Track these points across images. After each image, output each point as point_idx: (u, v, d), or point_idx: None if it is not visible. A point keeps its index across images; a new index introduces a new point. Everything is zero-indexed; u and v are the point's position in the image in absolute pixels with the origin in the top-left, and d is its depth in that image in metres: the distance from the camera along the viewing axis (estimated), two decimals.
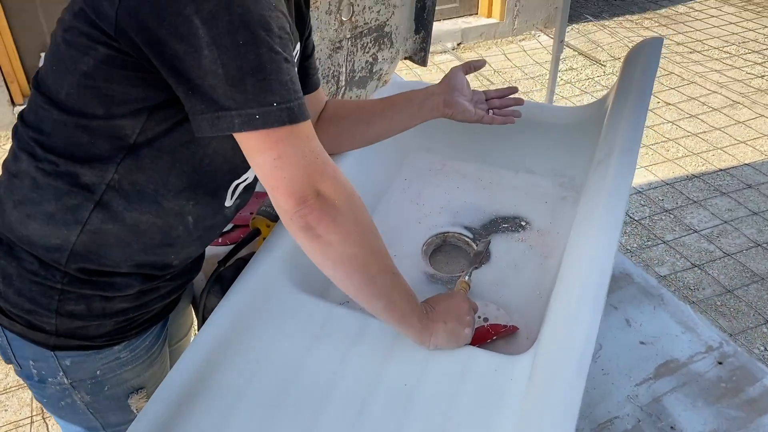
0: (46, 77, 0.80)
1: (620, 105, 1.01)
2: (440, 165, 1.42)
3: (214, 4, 0.67)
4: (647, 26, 4.55)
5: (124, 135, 0.78)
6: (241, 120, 0.70)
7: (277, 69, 0.70)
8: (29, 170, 0.82)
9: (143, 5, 0.69)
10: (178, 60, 0.70)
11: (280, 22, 0.72)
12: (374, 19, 1.63)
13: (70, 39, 0.75)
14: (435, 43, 4.13)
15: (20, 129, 0.84)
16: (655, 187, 2.88)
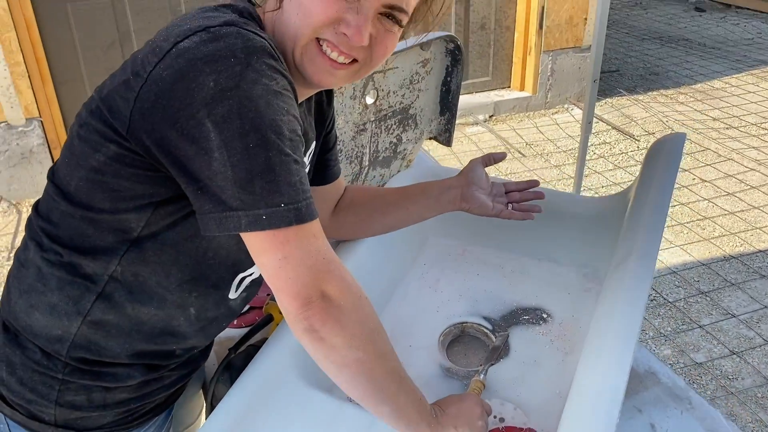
0: (59, 169, 0.82)
1: (640, 204, 0.98)
2: (460, 250, 1.40)
3: (226, 108, 0.68)
4: (682, 101, 4.53)
5: (129, 228, 0.79)
6: (248, 220, 0.70)
7: (286, 170, 0.71)
8: (35, 260, 0.83)
9: (157, 107, 0.70)
10: (188, 160, 0.70)
11: (291, 125, 0.73)
12: (399, 103, 1.65)
13: (84, 135, 0.77)
14: (467, 115, 4.17)
15: (32, 218, 0.85)
16: (690, 268, 2.79)
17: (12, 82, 3.02)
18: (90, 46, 3.28)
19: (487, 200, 1.12)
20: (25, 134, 3.15)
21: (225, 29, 0.71)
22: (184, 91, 0.68)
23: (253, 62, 0.70)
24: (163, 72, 0.70)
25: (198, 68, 0.68)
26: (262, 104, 0.69)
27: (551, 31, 4.05)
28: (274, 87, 0.71)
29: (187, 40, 0.70)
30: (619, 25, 6.45)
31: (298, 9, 0.79)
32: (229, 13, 0.77)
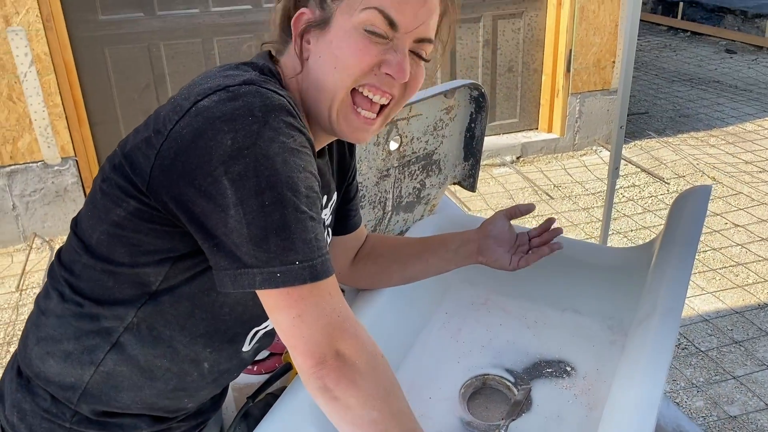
0: (81, 220, 0.84)
1: (665, 258, 0.96)
2: (483, 299, 1.38)
3: (242, 166, 0.69)
4: (713, 144, 4.48)
5: (148, 282, 0.80)
6: (263, 278, 0.70)
7: (301, 228, 0.71)
8: (56, 309, 0.84)
9: (177, 164, 0.72)
10: (205, 217, 0.71)
11: (308, 182, 0.73)
12: (422, 148, 1.66)
13: (106, 189, 0.79)
14: (494, 156, 4.17)
15: (55, 267, 0.87)
16: (723, 316, 2.72)
17: (50, 123, 3.11)
18: (125, 88, 3.38)
19: (505, 254, 1.11)
20: (61, 173, 3.23)
21: (244, 88, 0.73)
22: (202, 149, 0.70)
23: (270, 120, 0.71)
24: (183, 130, 0.71)
25: (216, 127, 0.70)
26: (278, 162, 0.70)
27: (579, 73, 4.06)
28: (291, 144, 0.72)
29: (207, 99, 0.72)
30: (648, 66, 6.43)
31: (333, 63, 0.81)
32: (250, 71, 0.79)
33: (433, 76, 3.91)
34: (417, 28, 0.81)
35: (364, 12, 0.79)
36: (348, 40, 0.80)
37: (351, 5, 0.80)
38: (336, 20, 0.80)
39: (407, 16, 0.80)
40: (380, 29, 0.80)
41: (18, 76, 2.99)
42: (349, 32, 0.80)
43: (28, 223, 3.27)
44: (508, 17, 3.99)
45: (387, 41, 0.80)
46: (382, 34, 0.80)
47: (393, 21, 0.80)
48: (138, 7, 3.27)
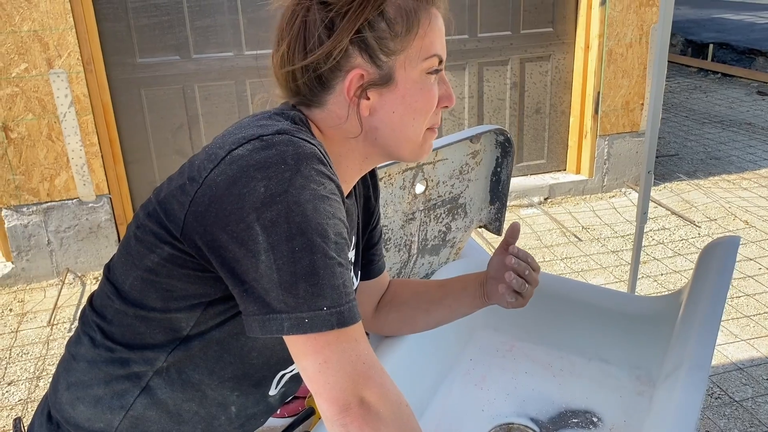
0: (115, 267, 0.86)
1: (692, 311, 0.95)
2: (508, 346, 1.37)
3: (275, 213, 0.71)
4: (745, 187, 4.41)
5: (179, 327, 0.81)
6: (291, 323, 0.72)
7: (330, 274, 0.72)
8: (86, 354, 0.86)
9: (210, 211, 0.74)
10: (236, 262, 0.73)
11: (337, 228, 0.75)
12: (448, 192, 1.67)
13: (140, 236, 0.81)
14: (521, 197, 4.16)
15: (87, 312, 0.89)
16: (758, 364, 2.64)
17: (86, 161, 3.20)
18: (160, 128, 3.48)
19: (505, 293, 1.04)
20: (95, 210, 3.31)
21: (277, 137, 0.75)
22: (236, 196, 0.72)
23: (302, 168, 0.73)
24: (218, 177, 0.74)
25: (250, 174, 0.72)
26: (309, 209, 0.72)
27: (607, 115, 4.05)
28: (322, 192, 0.73)
29: (241, 148, 0.74)
30: (678, 108, 6.40)
31: (413, 115, 0.87)
32: (283, 120, 0.81)
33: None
34: (445, 54, 0.89)
35: (428, 60, 0.85)
36: (422, 91, 0.86)
37: (411, 56, 0.84)
38: (399, 73, 0.84)
39: (445, 51, 0.89)
40: (437, 67, 0.87)
41: (58, 116, 3.09)
42: (418, 83, 0.85)
43: (61, 258, 3.34)
44: (536, 60, 4.02)
45: (437, 75, 0.88)
46: (439, 69, 0.87)
47: (442, 59, 0.87)
48: (174, 51, 3.38)
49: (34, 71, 3.00)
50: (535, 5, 3.91)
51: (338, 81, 0.84)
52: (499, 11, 3.85)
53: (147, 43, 3.32)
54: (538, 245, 3.70)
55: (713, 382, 2.55)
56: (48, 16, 2.94)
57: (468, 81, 3.91)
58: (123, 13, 3.24)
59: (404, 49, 0.83)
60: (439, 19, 0.86)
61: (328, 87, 0.85)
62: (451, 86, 0.92)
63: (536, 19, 3.94)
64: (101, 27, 3.21)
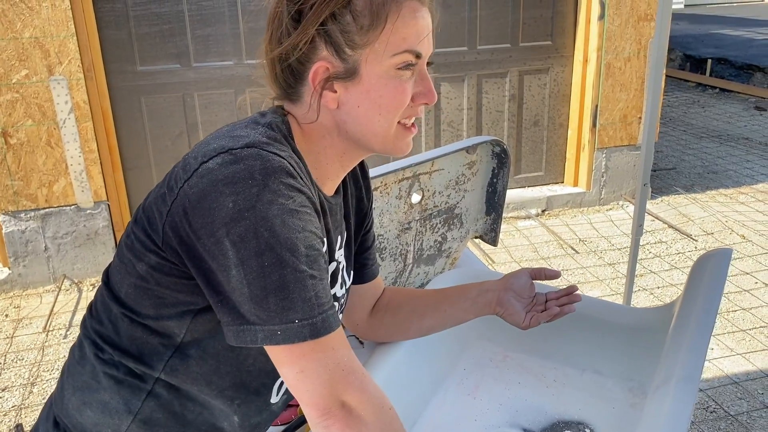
0: (112, 274, 0.86)
1: (683, 324, 0.95)
2: (502, 356, 1.37)
3: (243, 228, 0.72)
4: (742, 201, 4.42)
5: (173, 334, 0.82)
6: (264, 335, 0.73)
7: (300, 287, 0.73)
8: (90, 358, 0.86)
9: (184, 222, 0.75)
10: (211, 274, 0.74)
11: (307, 241, 0.75)
12: (444, 202, 1.68)
13: (129, 244, 0.82)
14: (519, 209, 4.17)
15: (86, 318, 0.89)
16: (753, 378, 2.64)
17: (85, 168, 3.21)
18: (159, 135, 3.49)
19: (521, 310, 1.11)
20: (93, 216, 3.32)
21: (246, 151, 0.75)
22: (206, 210, 0.73)
23: (270, 183, 0.73)
24: (190, 190, 0.75)
25: (219, 189, 0.73)
26: (277, 224, 0.72)
27: (605, 129, 4.07)
28: (290, 206, 0.74)
29: (212, 161, 0.75)
30: (676, 122, 6.43)
31: (377, 110, 0.85)
32: (259, 128, 0.82)
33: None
34: (430, 49, 0.88)
35: (398, 56, 0.83)
36: (386, 86, 0.83)
37: (377, 51, 0.82)
38: (365, 68, 0.83)
39: (425, 45, 0.86)
40: (410, 62, 0.85)
41: (57, 122, 3.10)
42: (383, 78, 0.83)
43: (58, 264, 3.34)
44: (534, 73, 4.05)
45: (413, 71, 0.86)
46: (413, 64, 0.85)
47: (419, 53, 0.85)
48: (175, 59, 3.40)
49: (35, 78, 3.02)
50: (534, 18, 3.93)
51: (308, 73, 0.84)
52: (498, 24, 3.88)
53: (148, 51, 3.34)
54: (535, 257, 3.70)
55: (708, 396, 2.55)
56: (49, 23, 2.96)
57: (467, 93, 3.93)
58: (124, 22, 3.26)
59: (370, 43, 0.82)
60: (417, 13, 0.84)
61: (299, 78, 0.86)
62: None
63: (535, 33, 3.96)
64: (102, 35, 3.22)
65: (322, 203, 0.88)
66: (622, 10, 3.82)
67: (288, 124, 0.87)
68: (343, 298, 1.03)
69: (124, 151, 3.44)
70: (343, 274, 1.02)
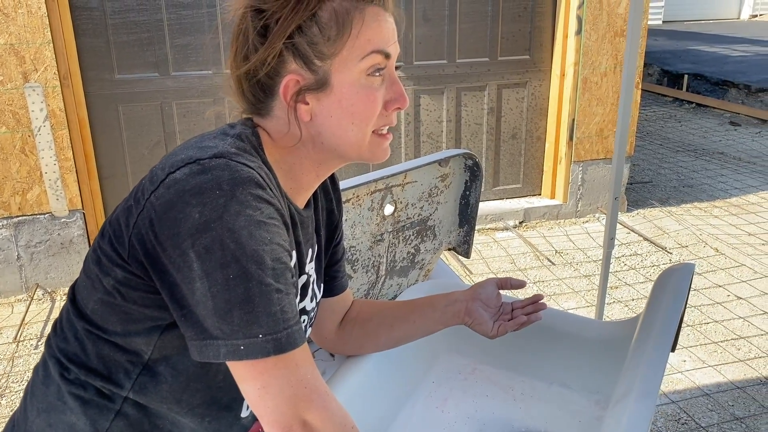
0: (78, 290, 0.85)
1: (644, 338, 0.97)
2: (471, 369, 1.38)
3: (209, 240, 0.71)
4: (716, 215, 4.49)
5: (140, 351, 0.81)
6: (227, 350, 0.72)
7: (266, 301, 0.72)
8: (56, 378, 0.84)
9: (150, 235, 0.74)
10: (175, 287, 0.73)
11: (275, 254, 0.75)
12: (417, 214, 1.68)
13: (96, 258, 0.81)
14: (497, 221, 4.20)
15: (51, 336, 0.88)
16: (724, 390, 2.67)
17: (60, 176, 3.18)
18: (136, 144, 3.47)
19: (489, 320, 1.12)
20: (67, 225, 3.28)
21: (214, 161, 0.75)
22: (172, 221, 0.72)
23: (237, 194, 0.72)
24: (156, 201, 0.74)
25: (185, 200, 0.72)
26: (244, 235, 0.71)
27: (582, 142, 4.12)
28: (258, 217, 0.73)
29: (179, 172, 0.74)
30: (653, 136, 6.52)
31: (350, 119, 0.84)
32: (228, 139, 0.81)
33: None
34: (396, 50, 0.87)
35: (366, 59, 0.82)
36: (358, 94, 0.83)
37: (346, 58, 0.82)
38: (335, 77, 0.82)
39: (392, 44, 0.86)
40: (379, 64, 0.84)
41: (32, 130, 3.07)
42: (354, 86, 0.83)
43: (31, 273, 3.29)
44: (513, 86, 4.09)
45: (382, 76, 0.85)
46: (381, 68, 0.85)
47: (387, 53, 0.85)
48: (153, 68, 3.38)
49: (9, 84, 2.99)
50: (513, 33, 3.98)
51: (278, 87, 0.84)
52: (477, 38, 3.92)
53: (126, 59, 3.32)
54: (512, 268, 3.73)
55: (680, 408, 2.58)
56: (25, 30, 2.94)
57: (446, 105, 3.96)
58: (102, 29, 3.24)
59: (338, 52, 0.82)
60: (380, 16, 0.84)
61: (269, 93, 0.85)
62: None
63: (513, 47, 4.01)
64: (80, 42, 3.20)
65: (292, 215, 0.88)
66: (598, 25, 3.87)
67: (258, 136, 0.86)
68: (313, 312, 1.03)
69: (101, 159, 3.42)
70: (314, 287, 1.01)
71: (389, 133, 0.90)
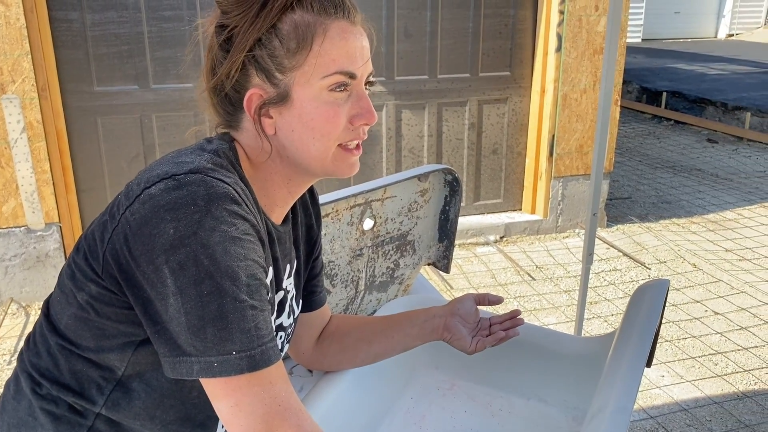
0: (52, 305, 0.84)
1: (619, 355, 0.97)
2: (449, 385, 1.37)
3: (183, 255, 0.70)
4: (694, 230, 4.55)
5: (114, 367, 0.80)
6: (200, 367, 0.71)
7: (239, 317, 0.72)
8: (27, 393, 0.83)
9: (124, 250, 0.73)
10: (148, 303, 0.72)
11: (249, 270, 0.74)
12: (397, 229, 1.68)
13: (70, 273, 0.80)
14: (478, 235, 4.21)
15: (23, 351, 0.86)
16: (702, 405, 2.69)
17: (37, 189, 3.14)
18: (115, 157, 3.44)
19: (467, 336, 1.12)
20: (43, 238, 3.23)
21: (190, 177, 0.74)
22: (147, 237, 0.71)
23: (213, 209, 0.72)
24: (131, 216, 0.73)
25: (160, 215, 0.71)
26: (218, 251, 0.71)
27: (561, 158, 4.16)
28: (233, 233, 0.73)
29: (154, 187, 0.74)
30: (632, 152, 6.60)
31: (311, 134, 0.83)
32: (204, 154, 0.80)
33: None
34: (367, 68, 0.85)
35: (329, 78, 0.81)
36: (318, 108, 0.82)
37: (307, 74, 0.81)
38: (296, 92, 0.82)
39: (359, 64, 0.83)
40: (343, 82, 0.83)
41: (9, 142, 3.03)
42: (315, 101, 0.82)
43: (6, 287, 3.24)
44: (493, 102, 4.12)
45: (348, 91, 0.84)
46: (347, 85, 0.83)
47: (353, 74, 0.83)
48: (133, 80, 3.36)
49: None
50: (494, 50, 4.02)
51: (243, 100, 0.84)
52: (458, 54, 3.95)
53: (105, 71, 3.30)
54: (493, 283, 3.73)
55: (659, 423, 2.58)
56: (3, 41, 2.91)
57: (428, 120, 3.98)
58: (82, 42, 3.22)
59: (299, 66, 0.81)
60: (347, 33, 0.82)
61: (237, 107, 0.85)
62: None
63: (494, 63, 4.05)
64: (59, 54, 3.18)
65: (269, 232, 0.87)
66: (578, 43, 3.92)
67: (235, 151, 0.86)
68: (291, 328, 1.02)
69: (79, 172, 3.38)
70: (292, 303, 1.01)
71: (358, 147, 0.88)
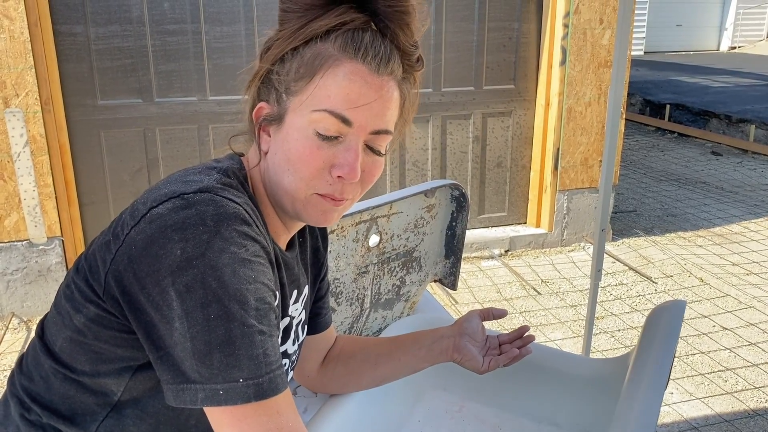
0: (47, 326, 0.81)
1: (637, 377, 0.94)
2: (458, 407, 1.34)
3: (190, 277, 0.67)
4: (700, 244, 4.51)
5: (110, 392, 0.77)
6: (205, 395, 0.68)
7: (248, 343, 0.69)
8: (15, 418, 0.80)
9: (129, 271, 0.70)
10: (152, 327, 0.69)
11: (259, 293, 0.71)
12: (403, 246, 1.66)
13: (68, 294, 0.77)
14: (482, 249, 4.18)
15: (15, 374, 0.84)
16: (712, 423, 2.64)
17: (39, 203, 3.12)
18: (118, 170, 3.42)
19: (478, 355, 1.08)
20: (45, 252, 3.21)
21: (198, 196, 0.72)
22: (153, 257, 0.69)
23: (222, 230, 0.69)
24: (137, 236, 0.71)
25: (167, 235, 0.69)
26: (227, 273, 0.68)
27: (566, 171, 4.13)
28: (243, 255, 0.70)
29: (161, 206, 0.71)
30: (636, 165, 6.57)
31: (287, 165, 0.79)
32: (214, 174, 0.78)
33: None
34: (372, 122, 0.78)
35: (315, 113, 0.76)
36: (298, 141, 0.78)
37: (301, 102, 0.78)
38: (289, 116, 0.79)
39: (361, 113, 0.77)
40: (332, 131, 0.77)
41: (12, 155, 3.02)
42: (299, 132, 0.78)
43: (7, 302, 3.21)
44: (498, 115, 4.10)
45: (340, 139, 0.78)
46: (334, 136, 0.77)
47: (347, 119, 0.77)
48: (137, 94, 3.36)
49: None
50: (498, 63, 4.00)
51: (254, 110, 0.84)
52: (462, 68, 3.94)
53: (109, 85, 3.29)
54: (498, 298, 3.70)
55: None
56: (7, 55, 2.90)
57: (432, 133, 3.96)
58: (86, 55, 3.22)
59: (299, 92, 0.78)
60: (357, 75, 0.76)
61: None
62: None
63: (498, 77, 4.03)
64: (63, 68, 3.17)
65: (276, 255, 0.84)
66: (582, 56, 3.91)
67: (244, 171, 0.84)
68: (295, 355, 0.99)
69: (81, 185, 3.37)
70: (297, 330, 0.98)
71: (340, 200, 0.81)
